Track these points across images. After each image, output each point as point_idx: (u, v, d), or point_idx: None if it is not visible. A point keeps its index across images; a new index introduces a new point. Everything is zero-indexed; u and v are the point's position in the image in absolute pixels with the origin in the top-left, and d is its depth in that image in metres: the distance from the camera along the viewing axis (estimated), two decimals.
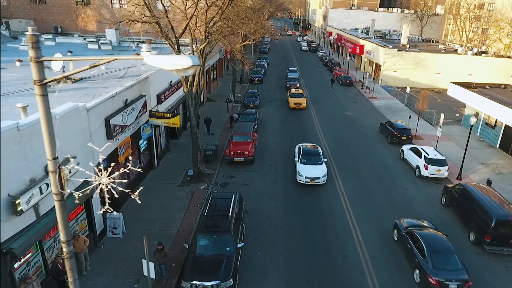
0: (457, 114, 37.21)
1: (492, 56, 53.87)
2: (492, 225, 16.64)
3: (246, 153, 24.51)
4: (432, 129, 35.01)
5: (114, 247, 16.02)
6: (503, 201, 18.19)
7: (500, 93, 33.49)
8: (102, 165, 7.05)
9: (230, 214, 15.47)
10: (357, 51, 63.72)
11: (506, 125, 28.82)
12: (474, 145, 31.28)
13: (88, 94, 17.60)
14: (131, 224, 17.60)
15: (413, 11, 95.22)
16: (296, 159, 23.94)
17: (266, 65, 61.00)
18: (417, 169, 24.86)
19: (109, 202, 7.15)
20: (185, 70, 6.27)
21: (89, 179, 7.25)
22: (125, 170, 7.20)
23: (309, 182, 22.09)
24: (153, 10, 18.75)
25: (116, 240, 16.44)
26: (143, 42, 34.84)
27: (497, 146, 30.56)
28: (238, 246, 14.43)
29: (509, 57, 55.13)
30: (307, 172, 22.33)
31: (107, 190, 7.14)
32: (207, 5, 18.20)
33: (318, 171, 22.49)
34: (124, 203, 19.14)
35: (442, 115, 28.39)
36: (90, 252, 15.39)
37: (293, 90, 41.45)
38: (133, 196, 7.28)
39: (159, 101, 23.24)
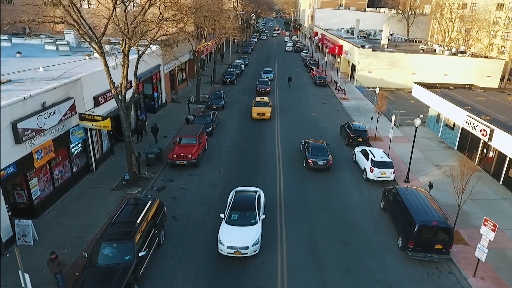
0: (421, 115, 36.59)
1: (468, 56, 53.35)
2: (415, 230, 16.15)
3: (190, 156, 23.98)
4: (395, 130, 34.42)
5: (20, 255, 15.43)
6: (433, 206, 17.68)
7: (463, 93, 33.00)
8: None
9: (138, 221, 14.92)
10: (336, 51, 63.13)
11: (463, 127, 28.32)
12: (433, 147, 30.85)
13: (4, 97, 17.03)
14: (47, 231, 17.11)
15: (399, 11, 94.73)
16: (223, 215, 17.35)
17: (242, 66, 60.46)
18: (365, 172, 24.38)
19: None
20: None
21: None
22: None
23: (232, 253, 15.74)
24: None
25: (25, 248, 15.90)
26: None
27: (455, 148, 30.08)
28: (139, 255, 13.88)
29: (486, 57, 54.64)
30: (231, 238, 15.88)
31: None
32: (125, 5, 17.71)
33: (247, 237, 15.97)
34: (47, 209, 18.63)
35: (394, 117, 27.97)
36: None
37: (258, 98, 37.51)
38: None
39: (97, 104, 22.73)
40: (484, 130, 23.58)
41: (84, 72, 22.02)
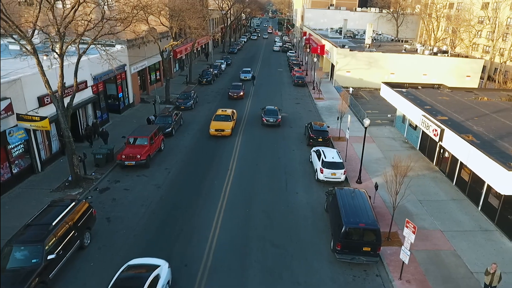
0: (389, 115, 36.37)
1: (448, 56, 52.95)
2: (341, 232, 15.84)
3: (138, 156, 23.71)
4: (361, 130, 34.10)
5: None
6: (369, 207, 17.35)
7: (428, 93, 32.58)
8: None
9: (54, 223, 14.67)
10: (318, 51, 62.90)
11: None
12: (396, 147, 30.52)
13: None
14: None
15: (388, 11, 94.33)
16: None
17: (223, 66, 60.13)
18: (316, 172, 24.08)
19: None
20: None
21: None
22: None
23: None
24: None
25: None
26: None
27: (418, 148, 29.76)
28: (48, 258, 13.61)
29: (466, 56, 54.23)
30: None
31: None
32: (49, 3, 17.48)
33: None
34: None
35: (349, 117, 27.61)
36: None
37: (219, 111, 32.94)
38: None
39: (42, 104, 22.48)
40: (436, 130, 23.26)
41: (27, 72, 21.77)
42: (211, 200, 20.94)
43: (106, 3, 20.62)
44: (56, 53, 18.98)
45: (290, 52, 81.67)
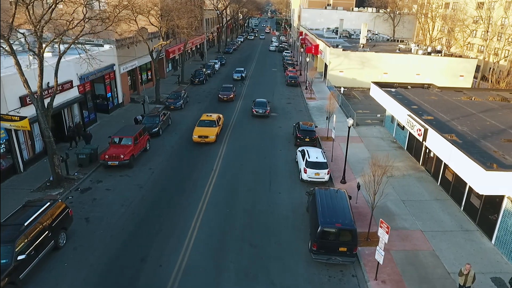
0: (378, 115, 36.29)
1: (441, 55, 52.82)
2: (317, 232, 15.74)
3: (122, 156, 23.63)
4: (351, 130, 33.98)
5: None
6: (347, 207, 17.26)
7: (417, 93, 32.45)
8: None
9: (26, 223, 14.58)
10: (313, 51, 62.85)
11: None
12: (384, 147, 30.41)
13: None
14: None
15: (385, 11, 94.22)
16: None
17: (217, 66, 60.03)
18: (300, 173, 23.99)
19: None
20: None
21: None
22: None
23: None
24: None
25: None
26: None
27: (405, 148, 29.67)
28: (18, 259, 13.53)
29: (460, 56, 54.12)
30: None
31: None
32: (25, 2, 17.44)
33: None
34: None
35: (335, 116, 27.54)
36: None
37: (204, 116, 31.27)
38: None
39: (24, 104, 22.41)
40: (420, 130, 23.13)
41: (7, 72, 21.70)
42: (193, 200, 20.86)
43: (87, 2, 20.46)
44: (34, 52, 18.90)
45: (285, 52, 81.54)
